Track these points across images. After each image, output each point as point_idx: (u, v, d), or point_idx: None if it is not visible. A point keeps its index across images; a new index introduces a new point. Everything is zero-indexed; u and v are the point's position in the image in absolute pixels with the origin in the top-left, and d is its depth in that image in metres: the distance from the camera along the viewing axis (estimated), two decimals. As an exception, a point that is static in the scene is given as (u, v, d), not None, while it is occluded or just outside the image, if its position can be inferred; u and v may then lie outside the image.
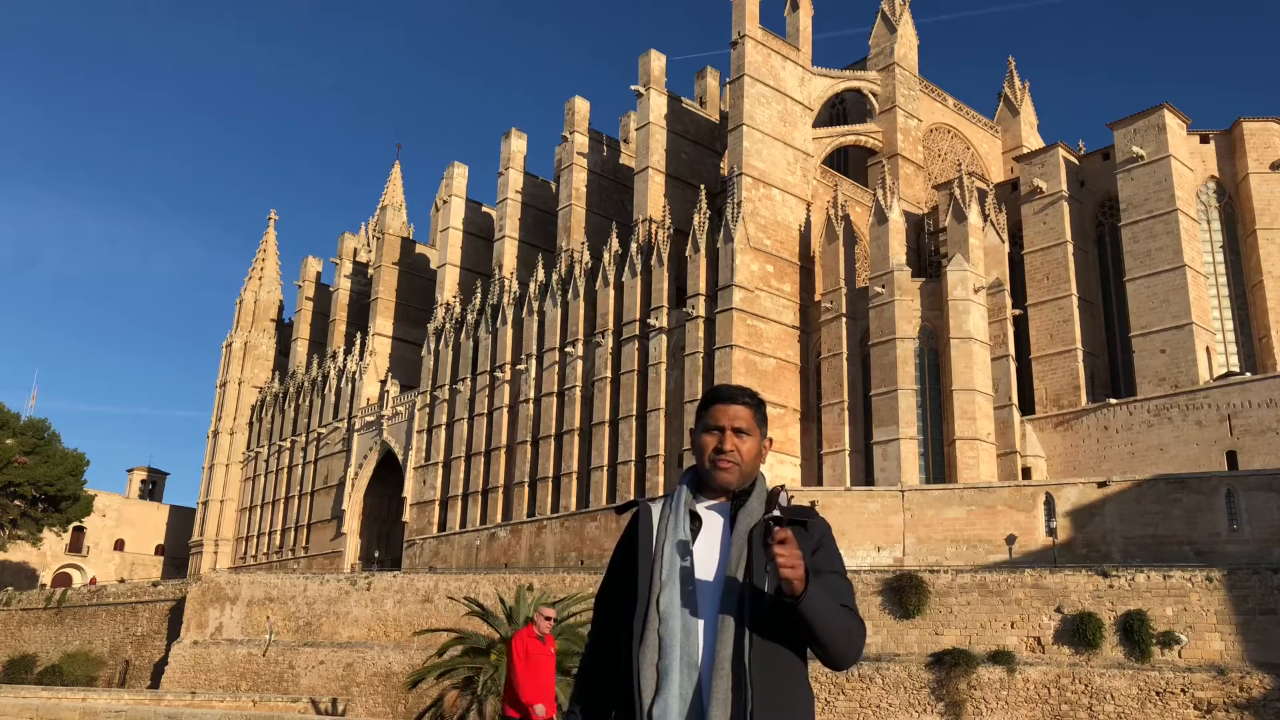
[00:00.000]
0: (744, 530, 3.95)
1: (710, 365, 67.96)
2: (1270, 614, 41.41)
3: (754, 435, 4.13)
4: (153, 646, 73.88)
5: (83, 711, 32.38)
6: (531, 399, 79.40)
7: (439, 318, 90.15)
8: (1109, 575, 44.42)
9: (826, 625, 3.68)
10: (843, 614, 3.73)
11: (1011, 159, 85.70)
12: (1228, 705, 40.00)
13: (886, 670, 45.90)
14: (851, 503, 58.83)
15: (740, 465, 4.10)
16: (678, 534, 3.98)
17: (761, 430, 4.17)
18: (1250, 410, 58.93)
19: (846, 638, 3.72)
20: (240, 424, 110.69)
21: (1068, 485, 55.67)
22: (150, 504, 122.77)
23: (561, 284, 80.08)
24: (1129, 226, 68.19)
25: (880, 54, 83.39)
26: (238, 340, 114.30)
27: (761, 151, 72.04)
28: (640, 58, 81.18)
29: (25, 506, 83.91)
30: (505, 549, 75.92)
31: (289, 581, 68.74)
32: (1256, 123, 70.03)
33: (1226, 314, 69.07)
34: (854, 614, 3.82)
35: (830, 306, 69.39)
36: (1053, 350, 69.28)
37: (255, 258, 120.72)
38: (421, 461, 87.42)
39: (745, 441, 4.11)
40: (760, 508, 3.99)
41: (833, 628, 3.69)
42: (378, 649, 60.97)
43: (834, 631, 3.70)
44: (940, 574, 48.00)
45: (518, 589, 34.48)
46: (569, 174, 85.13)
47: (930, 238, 78.26)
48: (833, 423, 67.47)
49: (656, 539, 4.00)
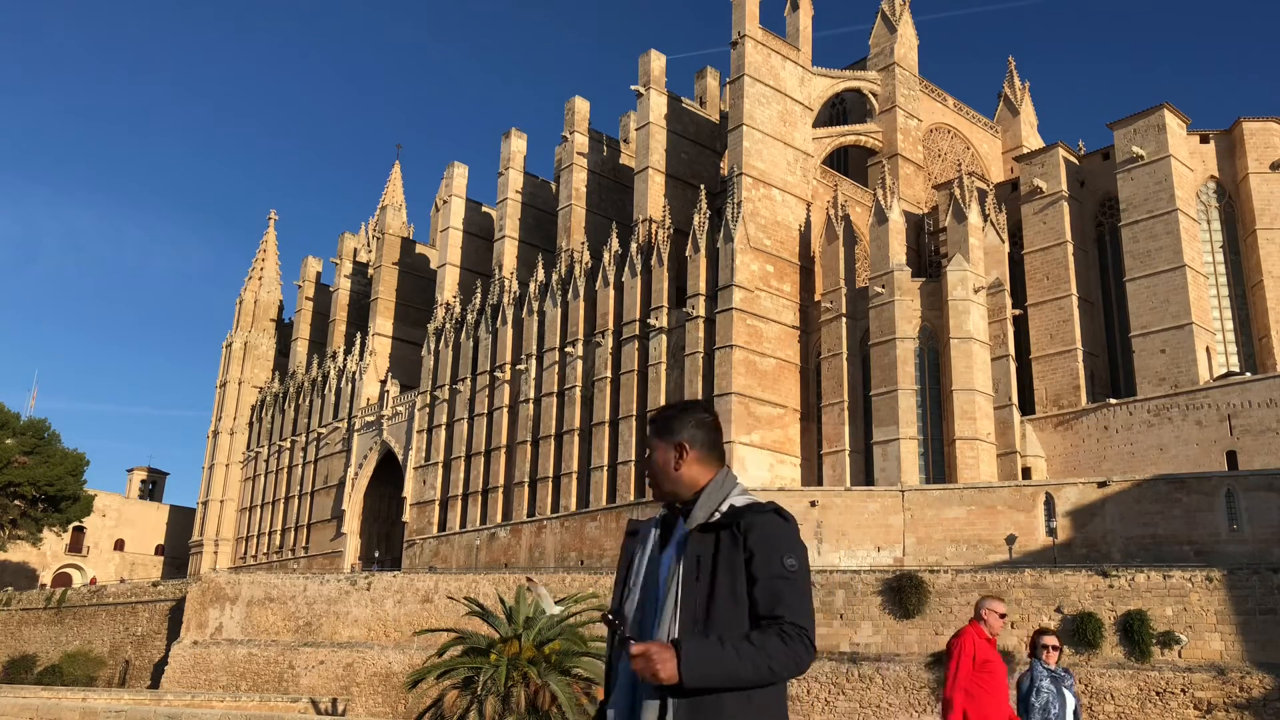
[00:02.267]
0: (682, 538, 4.03)
1: (710, 365, 67.99)
2: (1270, 614, 41.42)
3: (657, 448, 4.16)
4: (153, 646, 73.88)
5: (83, 711, 32.39)
6: (531, 399, 79.42)
7: (439, 318, 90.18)
8: (1109, 575, 44.43)
9: (727, 680, 3.63)
10: (745, 654, 3.62)
11: (1011, 159, 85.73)
12: (1228, 705, 40.01)
13: (886, 670, 45.91)
14: (851, 503, 58.85)
15: (654, 476, 4.18)
16: (642, 550, 4.18)
17: (667, 440, 4.15)
18: (1250, 410, 58.94)
19: (760, 671, 3.64)
20: (240, 424, 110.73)
21: (1068, 485, 55.68)
22: (150, 504, 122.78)
23: (561, 284, 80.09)
24: (1129, 226, 68.20)
25: (880, 54, 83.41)
26: (238, 340, 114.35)
27: (761, 151, 72.06)
28: (640, 58, 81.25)
29: (25, 506, 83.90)
30: (505, 549, 75.94)
31: (289, 581, 68.74)
32: (1256, 123, 70.04)
33: (1226, 314, 69.08)
34: (773, 628, 3.72)
35: (830, 306, 69.40)
36: (1053, 350, 69.29)
37: (255, 257, 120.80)
38: (421, 461, 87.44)
39: (653, 454, 4.18)
40: (703, 514, 3.99)
41: (736, 679, 3.64)
42: (378, 649, 60.98)
43: (741, 679, 3.64)
44: (940, 574, 48.00)
45: (518, 589, 34.46)
46: (569, 174, 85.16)
47: (930, 238, 78.27)
48: (833, 423, 67.48)
49: (624, 557, 4.23)
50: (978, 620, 10.36)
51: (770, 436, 67.36)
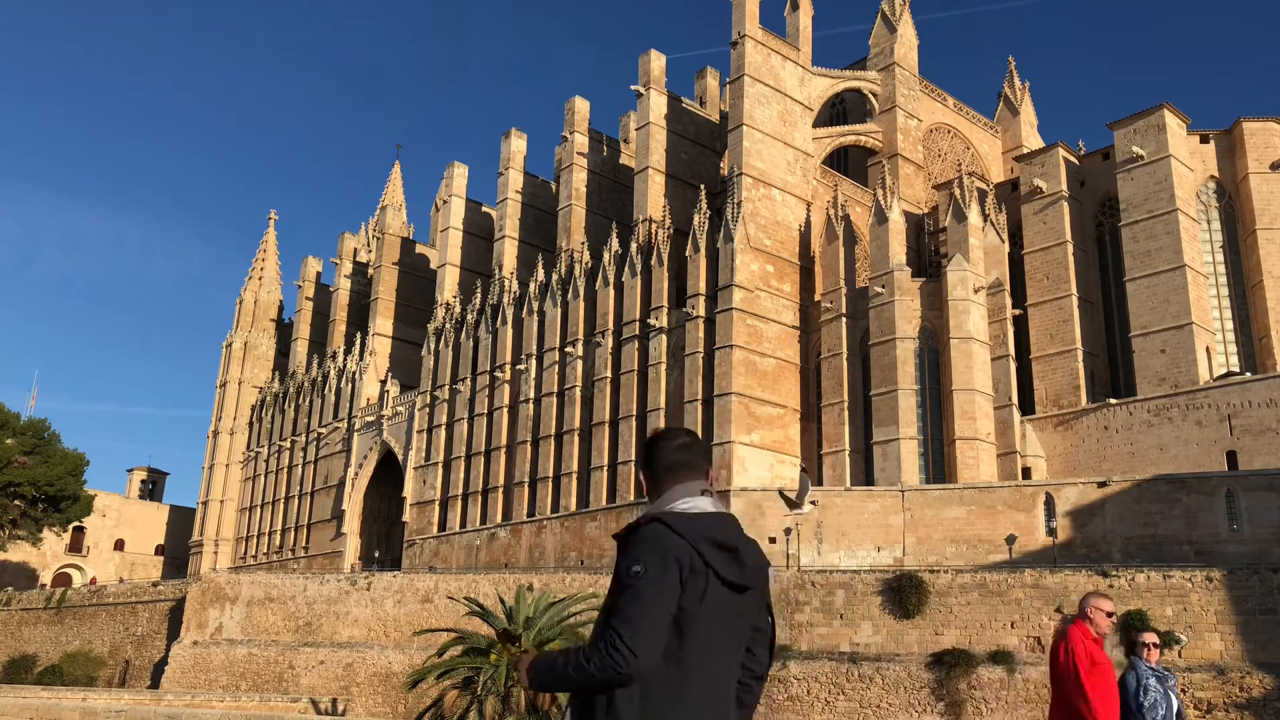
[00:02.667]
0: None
1: (710, 365, 67.97)
2: (1270, 614, 41.42)
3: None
4: (153, 646, 73.87)
5: (83, 711, 32.39)
6: (531, 399, 79.42)
7: (439, 318, 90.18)
8: (1109, 575, 44.43)
9: (559, 682, 4.03)
10: (570, 659, 3.96)
11: (1011, 159, 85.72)
12: (1228, 705, 40.01)
13: (886, 670, 45.90)
14: (851, 503, 58.85)
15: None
16: None
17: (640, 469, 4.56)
18: (1250, 410, 58.92)
19: (583, 673, 3.90)
20: (240, 424, 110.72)
21: (1068, 485, 55.68)
22: (150, 504, 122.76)
23: (561, 284, 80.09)
24: (1129, 226, 68.19)
25: (880, 54, 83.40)
26: (238, 340, 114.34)
27: (761, 151, 72.05)
28: (640, 58, 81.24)
29: (25, 506, 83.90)
30: (505, 549, 75.94)
31: (289, 581, 68.73)
32: (1256, 123, 70.03)
33: (1226, 314, 69.07)
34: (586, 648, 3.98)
35: (830, 306, 69.39)
36: (1053, 350, 69.28)
37: (255, 257, 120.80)
38: (421, 461, 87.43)
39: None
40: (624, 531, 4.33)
41: (564, 680, 4.00)
42: (378, 649, 60.98)
43: (567, 680, 3.99)
44: (940, 574, 48.00)
45: (518, 589, 34.46)
46: (569, 174, 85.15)
47: (930, 238, 78.27)
48: (833, 423, 67.48)
49: None
50: (1082, 619, 9.55)
51: (770, 436, 67.35)
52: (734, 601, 4.02)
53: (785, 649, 48.73)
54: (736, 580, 3.99)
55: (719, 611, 3.99)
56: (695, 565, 3.93)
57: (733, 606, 4.03)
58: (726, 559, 3.99)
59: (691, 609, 3.92)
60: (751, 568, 4.04)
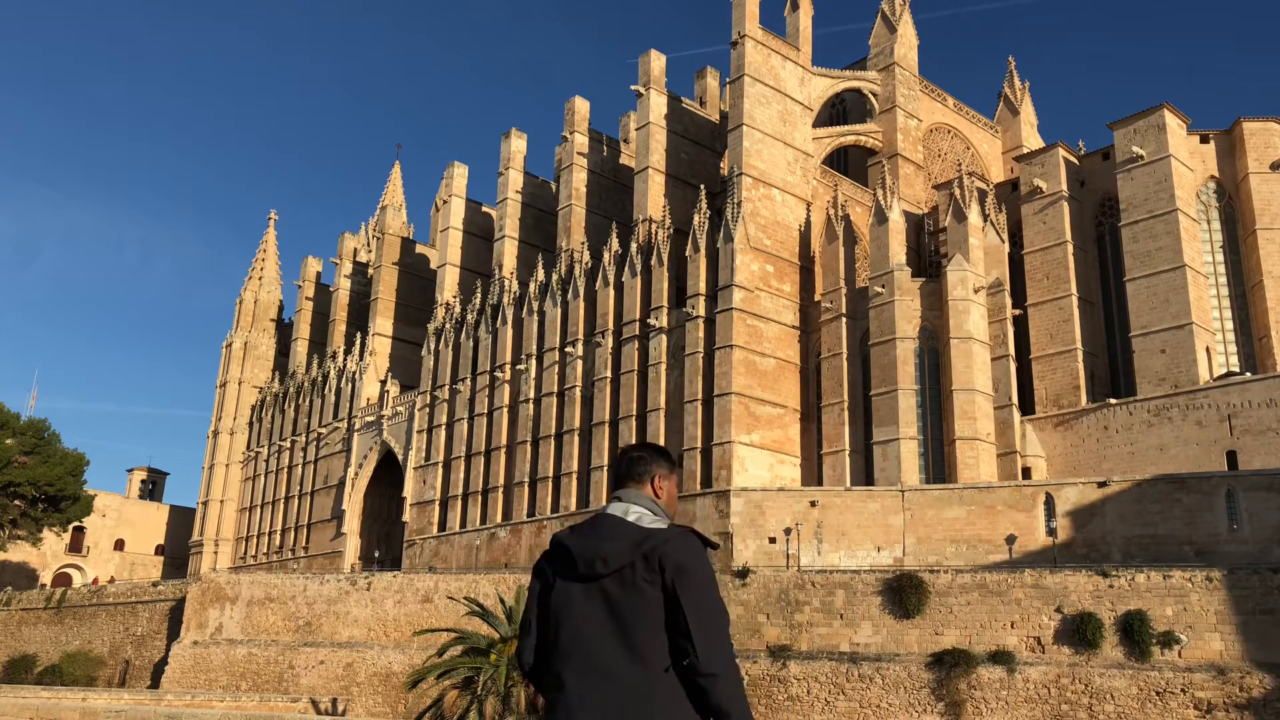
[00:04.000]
0: None
1: (710, 365, 67.98)
2: (1270, 614, 41.42)
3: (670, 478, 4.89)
4: (153, 646, 73.87)
5: (83, 711, 32.39)
6: (531, 399, 79.42)
7: (439, 318, 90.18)
8: (1109, 575, 44.44)
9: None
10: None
11: (1011, 159, 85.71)
12: (1228, 705, 40.01)
13: (886, 670, 45.90)
14: (851, 503, 58.84)
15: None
16: None
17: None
18: (1250, 410, 58.91)
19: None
20: (240, 424, 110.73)
21: (1068, 485, 55.67)
22: (150, 504, 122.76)
23: (561, 284, 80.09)
24: (1129, 226, 68.19)
25: (880, 54, 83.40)
26: (238, 340, 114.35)
27: (761, 151, 72.05)
28: (640, 58, 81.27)
29: (25, 506, 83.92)
30: (505, 549, 75.92)
31: (289, 581, 68.74)
32: (1256, 123, 70.01)
33: (1226, 314, 69.06)
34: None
35: (830, 306, 69.40)
36: (1053, 350, 69.28)
37: (255, 257, 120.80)
38: (421, 461, 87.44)
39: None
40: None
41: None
42: (378, 649, 60.98)
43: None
44: (940, 574, 48.01)
45: (518, 589, 34.46)
46: (569, 174, 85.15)
47: (930, 238, 78.27)
48: (833, 423, 67.47)
49: None
50: None
51: (770, 436, 67.36)
52: (589, 591, 4.19)
53: (785, 649, 48.75)
54: (572, 574, 4.23)
55: (569, 603, 4.23)
56: (540, 567, 4.41)
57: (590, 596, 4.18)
58: (559, 554, 4.31)
59: (555, 606, 4.27)
60: (588, 558, 4.18)
